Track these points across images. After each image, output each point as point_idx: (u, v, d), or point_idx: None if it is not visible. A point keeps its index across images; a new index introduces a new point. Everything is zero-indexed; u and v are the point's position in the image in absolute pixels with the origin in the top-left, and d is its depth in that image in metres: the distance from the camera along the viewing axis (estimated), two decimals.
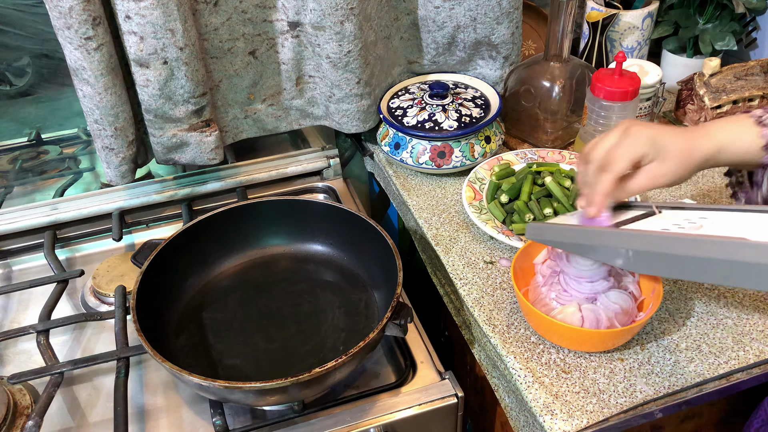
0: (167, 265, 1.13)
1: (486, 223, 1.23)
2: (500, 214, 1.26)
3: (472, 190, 1.31)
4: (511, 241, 1.19)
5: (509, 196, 1.28)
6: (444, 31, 1.43)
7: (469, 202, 1.27)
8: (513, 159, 1.39)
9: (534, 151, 1.40)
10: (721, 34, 1.54)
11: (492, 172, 1.36)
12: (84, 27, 1.11)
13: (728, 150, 0.95)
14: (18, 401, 1.04)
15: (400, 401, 1.04)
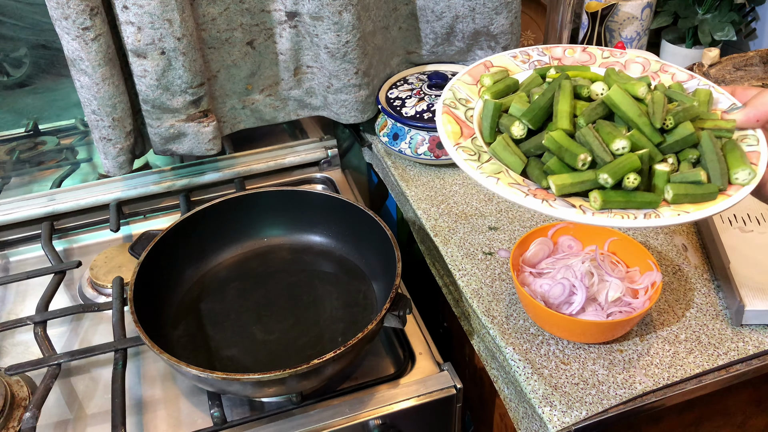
0: (165, 256, 1.13)
1: (497, 179, 0.75)
2: (517, 160, 0.80)
3: (454, 120, 0.84)
4: (555, 209, 0.72)
5: (530, 123, 0.82)
6: (442, 21, 1.42)
7: (454, 142, 0.80)
8: (510, 64, 0.97)
9: (541, 50, 0.98)
10: (721, 25, 1.54)
11: (481, 86, 0.91)
12: (81, 17, 1.11)
13: None
14: (15, 393, 1.04)
15: (399, 393, 1.04)
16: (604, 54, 0.96)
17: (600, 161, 0.77)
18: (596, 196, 0.74)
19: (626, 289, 1.05)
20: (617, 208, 0.74)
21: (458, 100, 0.87)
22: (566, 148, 0.77)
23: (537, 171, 0.79)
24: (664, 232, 1.22)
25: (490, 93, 0.88)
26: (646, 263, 1.05)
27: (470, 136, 0.82)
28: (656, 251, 1.18)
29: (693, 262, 1.16)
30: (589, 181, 0.76)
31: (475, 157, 0.78)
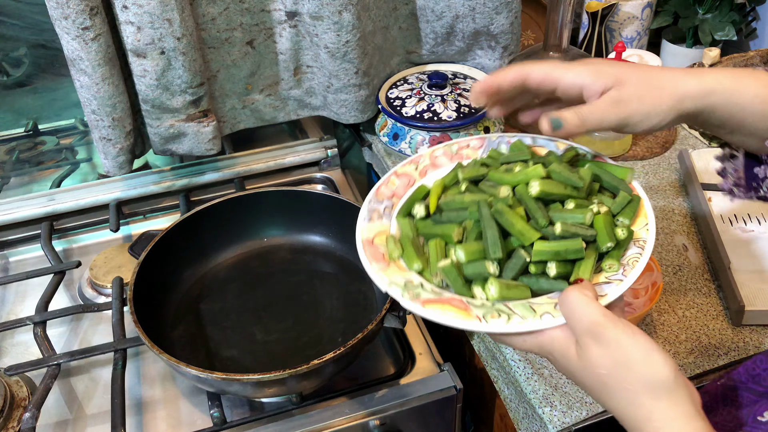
0: (164, 256, 1.13)
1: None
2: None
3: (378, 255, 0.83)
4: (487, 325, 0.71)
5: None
6: (443, 20, 1.42)
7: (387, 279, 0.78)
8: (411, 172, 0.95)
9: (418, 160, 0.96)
10: (721, 24, 1.54)
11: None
12: (81, 17, 1.11)
13: (723, 98, 0.75)
14: (15, 393, 1.04)
15: (399, 393, 1.04)
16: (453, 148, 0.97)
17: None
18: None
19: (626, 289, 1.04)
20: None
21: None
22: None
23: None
24: (664, 231, 1.21)
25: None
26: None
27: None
28: (657, 251, 1.18)
29: (693, 262, 1.16)
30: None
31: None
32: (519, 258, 0.75)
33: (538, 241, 0.75)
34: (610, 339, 0.64)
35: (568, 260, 0.75)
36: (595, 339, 0.64)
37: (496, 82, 0.79)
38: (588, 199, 0.81)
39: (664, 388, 0.62)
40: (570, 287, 0.69)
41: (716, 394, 0.77)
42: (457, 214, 0.82)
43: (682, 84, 0.74)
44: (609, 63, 0.76)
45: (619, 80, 0.74)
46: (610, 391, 0.65)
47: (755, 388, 0.72)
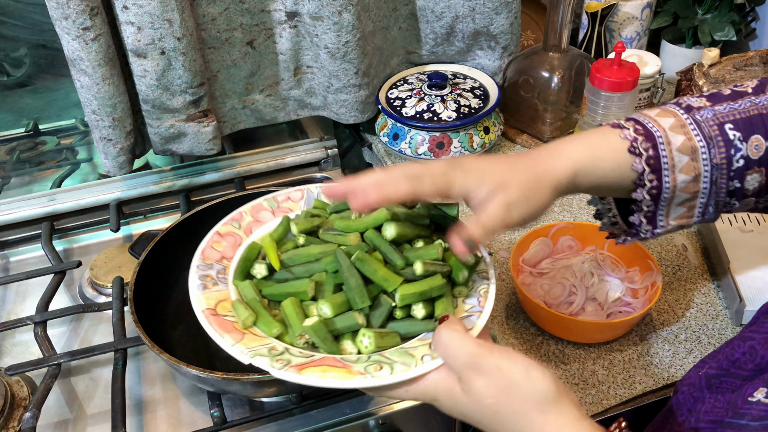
0: (165, 256, 1.13)
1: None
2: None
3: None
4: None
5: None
6: (442, 21, 1.42)
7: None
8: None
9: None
10: (721, 25, 1.54)
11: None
12: (81, 17, 1.11)
13: (588, 171, 0.79)
14: (15, 393, 1.04)
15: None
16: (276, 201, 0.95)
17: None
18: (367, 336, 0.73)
19: (626, 289, 1.05)
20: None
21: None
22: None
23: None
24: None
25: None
26: (646, 263, 1.06)
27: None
28: (656, 251, 1.18)
29: (693, 262, 1.16)
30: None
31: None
32: (385, 305, 0.75)
33: (402, 285, 0.75)
34: (490, 367, 0.66)
35: (431, 299, 0.76)
36: (475, 371, 0.66)
37: (389, 197, 0.74)
38: (431, 237, 0.82)
39: (548, 400, 0.64)
40: (440, 326, 0.70)
41: (698, 384, 0.77)
42: (305, 268, 0.80)
43: (553, 173, 0.77)
44: (485, 166, 0.77)
45: (503, 185, 0.75)
46: (502, 419, 0.66)
47: (738, 372, 0.73)
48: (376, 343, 0.72)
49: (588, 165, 0.78)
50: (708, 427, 0.72)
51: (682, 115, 0.79)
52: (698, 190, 0.78)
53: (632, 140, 0.78)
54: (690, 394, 0.78)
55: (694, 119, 0.78)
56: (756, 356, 0.71)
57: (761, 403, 0.65)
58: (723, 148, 0.76)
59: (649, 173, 0.78)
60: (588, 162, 0.78)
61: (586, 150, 0.79)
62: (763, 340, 0.70)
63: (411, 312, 0.76)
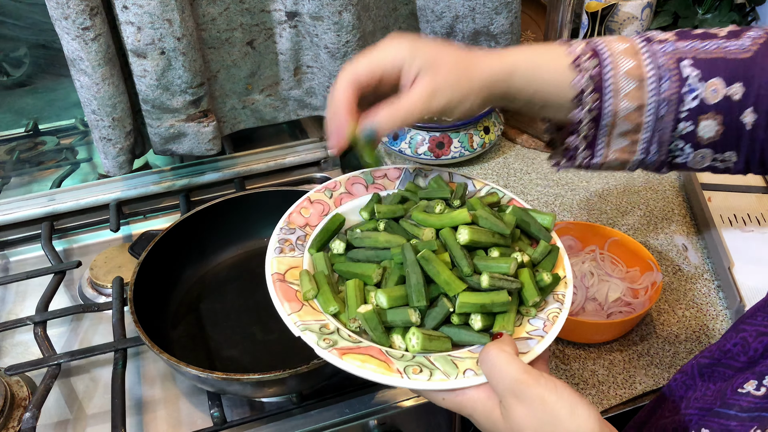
0: (165, 256, 1.13)
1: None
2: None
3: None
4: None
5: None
6: (442, 21, 1.42)
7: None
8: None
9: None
10: (720, 25, 1.54)
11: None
12: (81, 17, 1.11)
13: (526, 75, 0.77)
14: (15, 393, 1.04)
15: (399, 393, 1.03)
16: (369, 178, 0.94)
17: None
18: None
19: (626, 289, 1.05)
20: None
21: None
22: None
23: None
24: (664, 231, 1.22)
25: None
26: (646, 263, 1.06)
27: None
28: (656, 251, 1.18)
29: (693, 262, 1.16)
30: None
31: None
32: (442, 307, 0.74)
33: (464, 292, 0.73)
34: (533, 397, 0.62)
35: (491, 312, 0.73)
36: (518, 398, 0.63)
37: (346, 104, 0.75)
38: (511, 246, 0.80)
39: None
40: (490, 344, 0.67)
41: (691, 372, 0.78)
42: (375, 254, 0.79)
43: (488, 66, 0.76)
44: (423, 43, 0.75)
45: (434, 63, 0.74)
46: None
47: (731, 363, 0.73)
48: (423, 345, 0.71)
49: (526, 70, 0.77)
50: (697, 414, 0.72)
51: (638, 44, 0.77)
52: (641, 122, 0.76)
53: (578, 56, 0.76)
54: (682, 381, 0.79)
55: (650, 49, 0.76)
56: (748, 348, 0.71)
57: (750, 395, 0.66)
58: (676, 83, 0.74)
59: (590, 93, 0.76)
60: (527, 67, 0.77)
61: (529, 56, 0.78)
62: (755, 333, 0.71)
63: (469, 320, 0.74)
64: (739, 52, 0.74)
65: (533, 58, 0.77)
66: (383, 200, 0.89)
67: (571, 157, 0.82)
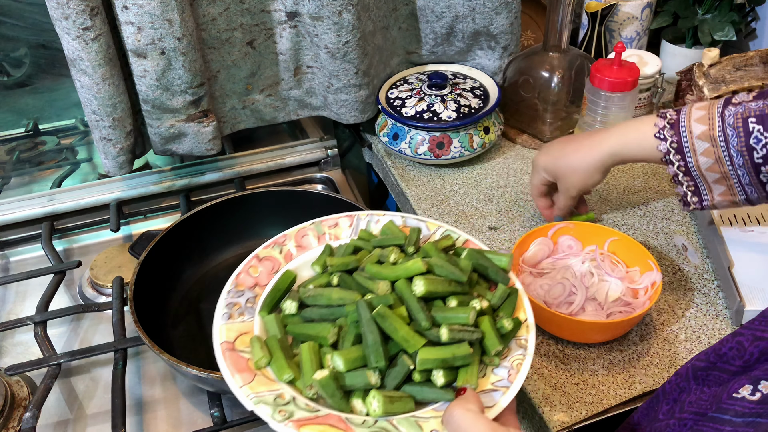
0: (165, 256, 1.13)
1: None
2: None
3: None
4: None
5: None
6: (442, 21, 1.42)
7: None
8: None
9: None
10: (721, 25, 1.54)
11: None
12: (82, 17, 1.11)
13: (624, 152, 1.04)
14: (15, 393, 1.04)
15: None
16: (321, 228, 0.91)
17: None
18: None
19: (626, 289, 1.05)
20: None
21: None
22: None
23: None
24: (664, 232, 1.22)
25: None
26: (646, 263, 1.05)
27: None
28: (656, 251, 1.18)
29: (693, 262, 1.16)
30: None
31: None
32: (402, 366, 0.70)
33: (424, 348, 0.70)
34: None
35: (453, 367, 0.71)
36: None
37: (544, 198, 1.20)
38: (469, 293, 0.77)
39: None
40: (453, 404, 0.65)
41: (686, 374, 0.78)
42: (330, 312, 0.76)
43: (590, 160, 1.08)
44: (549, 160, 1.15)
45: (558, 175, 1.15)
46: None
47: (726, 367, 0.73)
48: (385, 408, 0.68)
49: (620, 150, 1.04)
50: (691, 419, 0.72)
51: (715, 109, 0.95)
52: (725, 171, 0.94)
53: (660, 128, 0.99)
54: (677, 383, 0.78)
55: (722, 113, 0.93)
56: (744, 353, 0.71)
57: (746, 400, 0.66)
58: (743, 138, 0.91)
59: (674, 154, 0.97)
60: (620, 149, 1.04)
61: (618, 140, 1.05)
62: (752, 337, 0.71)
63: (431, 377, 0.71)
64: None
65: (624, 139, 1.04)
66: (335, 251, 0.85)
67: (686, 203, 1.02)
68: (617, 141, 1.04)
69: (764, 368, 0.67)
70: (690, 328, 1.04)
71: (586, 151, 1.08)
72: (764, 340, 0.69)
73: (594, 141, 1.08)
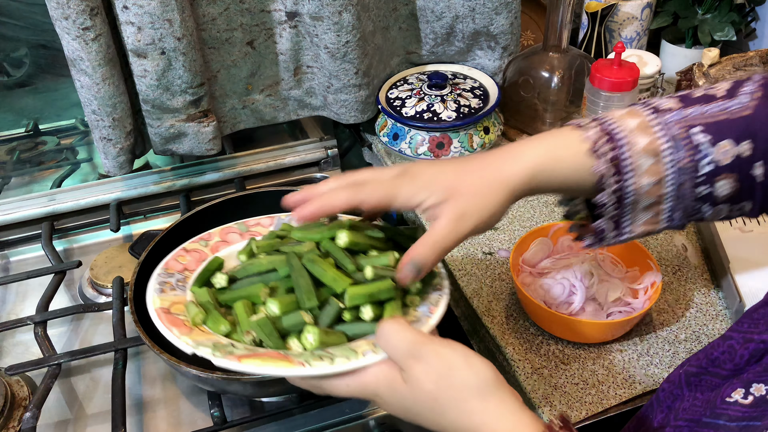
0: (165, 255, 1.13)
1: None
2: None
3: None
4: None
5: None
6: (442, 21, 1.42)
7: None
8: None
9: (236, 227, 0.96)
10: (720, 25, 1.54)
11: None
12: (82, 17, 1.11)
13: (546, 174, 0.77)
14: (15, 393, 1.04)
15: None
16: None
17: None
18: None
19: (626, 289, 1.05)
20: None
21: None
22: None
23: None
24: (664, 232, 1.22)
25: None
26: (646, 263, 1.06)
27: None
28: (656, 251, 1.18)
29: (693, 262, 1.16)
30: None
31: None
32: (333, 306, 0.75)
33: (351, 287, 0.74)
34: (429, 353, 0.66)
35: (380, 302, 0.75)
36: (415, 358, 0.66)
37: (325, 208, 0.77)
38: (388, 249, 0.82)
39: (489, 388, 0.65)
40: (383, 321, 0.69)
41: (678, 381, 0.77)
42: (260, 278, 0.80)
43: (508, 176, 0.76)
44: (434, 172, 0.77)
45: (452, 192, 0.74)
46: (442, 407, 0.66)
47: (718, 371, 0.73)
48: (321, 340, 0.72)
49: (546, 167, 0.77)
50: (685, 426, 0.71)
51: (648, 117, 0.77)
52: (663, 193, 0.77)
53: (594, 141, 0.76)
54: (670, 391, 0.78)
55: (661, 120, 0.76)
56: (735, 356, 0.71)
57: (738, 403, 0.65)
58: (690, 152, 0.74)
59: (611, 176, 0.76)
60: (546, 164, 0.77)
61: (545, 152, 0.77)
62: (742, 340, 0.70)
63: (360, 314, 0.75)
64: (742, 110, 0.75)
65: (551, 153, 0.77)
66: (260, 240, 0.88)
67: (601, 238, 0.82)
68: (543, 154, 0.77)
69: (755, 370, 0.66)
70: (690, 328, 1.04)
71: (499, 165, 0.77)
72: (754, 342, 0.69)
73: (507, 154, 0.78)
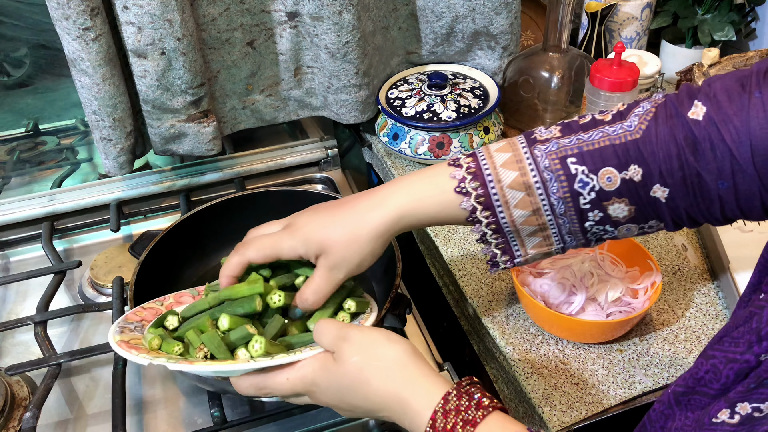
0: (165, 255, 1.13)
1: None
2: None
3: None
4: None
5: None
6: (442, 21, 1.42)
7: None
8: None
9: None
10: (720, 25, 1.54)
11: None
12: (82, 17, 1.11)
13: (413, 215, 0.81)
14: (15, 393, 1.04)
15: None
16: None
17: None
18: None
19: (626, 289, 1.05)
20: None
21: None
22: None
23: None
24: (663, 232, 1.22)
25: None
26: (646, 263, 1.06)
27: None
28: (656, 251, 1.18)
29: (693, 262, 1.16)
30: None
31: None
32: (277, 320, 0.85)
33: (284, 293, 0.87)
34: (355, 333, 0.76)
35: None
36: (344, 339, 0.76)
37: (228, 279, 0.88)
38: None
39: (407, 357, 0.74)
40: (320, 320, 0.80)
41: (668, 401, 0.77)
42: (210, 312, 0.87)
43: (373, 224, 0.81)
44: (312, 227, 0.83)
45: (324, 247, 0.82)
46: (367, 376, 0.74)
47: (705, 390, 0.72)
48: (266, 348, 0.80)
49: (411, 210, 0.81)
50: None
51: (521, 149, 0.78)
52: (544, 222, 0.79)
53: (460, 180, 0.79)
54: (661, 411, 0.78)
55: (532, 154, 0.77)
56: (720, 375, 0.70)
57: (726, 424, 0.65)
58: (565, 182, 0.76)
59: (482, 210, 0.79)
60: (412, 207, 0.81)
61: (411, 195, 0.81)
62: (725, 360, 0.70)
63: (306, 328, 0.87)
64: (628, 134, 0.74)
65: (416, 195, 0.81)
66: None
67: (495, 263, 0.85)
68: (407, 199, 0.81)
69: (739, 390, 0.66)
70: (690, 328, 1.04)
71: (363, 214, 0.81)
72: (737, 362, 0.68)
73: (373, 200, 0.82)
